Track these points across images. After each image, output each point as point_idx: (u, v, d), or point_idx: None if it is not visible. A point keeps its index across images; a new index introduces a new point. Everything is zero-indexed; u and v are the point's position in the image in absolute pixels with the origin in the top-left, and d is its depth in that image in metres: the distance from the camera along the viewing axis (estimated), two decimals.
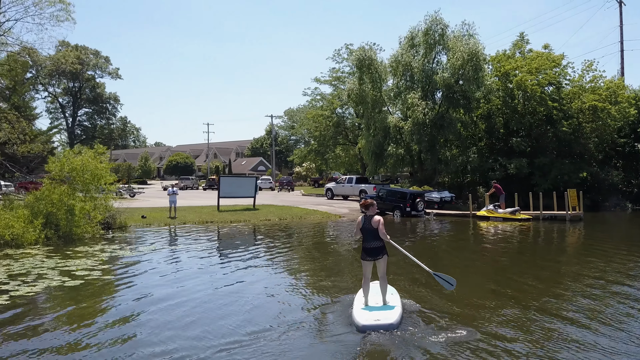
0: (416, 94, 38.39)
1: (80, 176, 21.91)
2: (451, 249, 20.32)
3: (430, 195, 35.95)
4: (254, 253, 18.39)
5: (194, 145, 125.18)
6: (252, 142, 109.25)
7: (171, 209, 30.22)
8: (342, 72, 54.51)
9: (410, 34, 40.85)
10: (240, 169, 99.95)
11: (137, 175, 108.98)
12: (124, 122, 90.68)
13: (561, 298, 11.17)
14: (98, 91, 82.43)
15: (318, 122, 54.79)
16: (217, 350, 7.82)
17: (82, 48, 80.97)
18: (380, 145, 40.33)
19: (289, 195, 53.27)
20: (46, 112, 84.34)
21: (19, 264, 15.18)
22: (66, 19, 24.93)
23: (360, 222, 9.67)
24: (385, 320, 8.75)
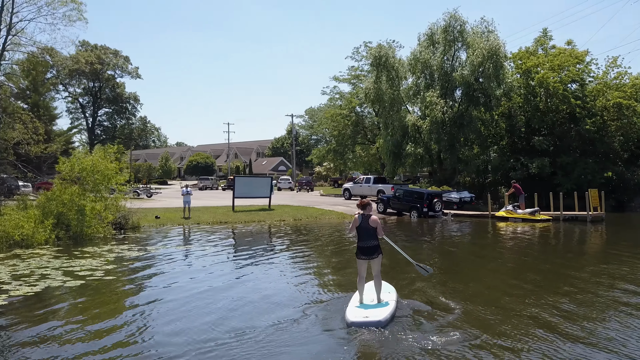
0: (435, 92, 38.14)
1: (90, 176, 22.15)
2: (465, 251, 20.13)
3: (449, 195, 35.66)
4: (260, 253, 18.40)
5: (214, 145, 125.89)
6: (273, 141, 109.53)
7: (185, 209, 30.43)
8: (361, 70, 54.44)
9: (429, 31, 40.65)
10: (261, 169, 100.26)
11: (157, 176, 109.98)
12: (143, 122, 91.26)
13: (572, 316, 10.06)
14: (118, 91, 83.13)
15: (336, 121, 54.71)
16: (188, 350, 7.87)
17: (102, 48, 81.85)
18: (398, 145, 40.17)
19: (307, 196, 53.27)
20: (66, 112, 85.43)
21: (25, 264, 15.41)
22: (78, 18, 25.29)
23: (357, 221, 9.81)
24: (374, 318, 8.91)
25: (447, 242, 22.44)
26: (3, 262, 15.60)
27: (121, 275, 14.01)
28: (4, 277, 13.35)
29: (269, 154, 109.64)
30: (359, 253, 9.85)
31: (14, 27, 24.46)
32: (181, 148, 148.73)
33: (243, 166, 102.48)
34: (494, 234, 25.72)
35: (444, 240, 23.26)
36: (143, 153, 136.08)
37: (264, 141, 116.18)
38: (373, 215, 9.83)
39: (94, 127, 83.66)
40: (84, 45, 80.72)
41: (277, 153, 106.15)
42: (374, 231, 9.73)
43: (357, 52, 53.86)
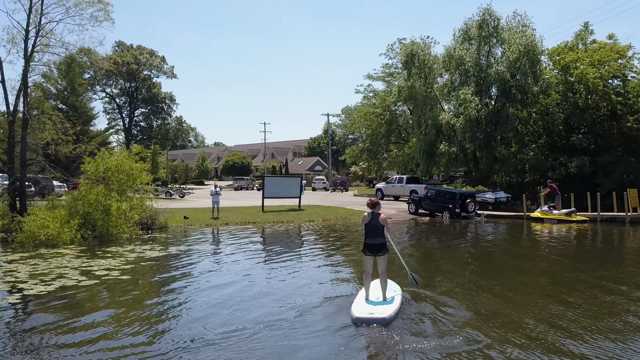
0: (469, 89, 37.68)
1: (115, 176, 22.61)
2: (494, 254, 19.86)
3: (484, 195, 35.23)
4: (281, 253, 18.54)
5: (251, 145, 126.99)
6: (309, 141, 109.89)
7: (214, 210, 30.77)
8: (395, 67, 54.13)
9: (464, 27, 40.20)
10: (297, 169, 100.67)
11: (194, 176, 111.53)
12: (179, 122, 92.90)
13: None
14: (154, 91, 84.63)
15: (370, 120, 54.55)
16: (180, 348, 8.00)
17: (139, 48, 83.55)
18: (432, 144, 39.86)
19: (340, 196, 53.33)
20: (103, 112, 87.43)
21: (46, 263, 15.84)
22: (105, 19, 25.62)
23: (367, 218, 10.21)
24: (379, 315, 9.22)
25: (476, 245, 22.17)
26: (25, 261, 16.08)
27: (136, 275, 14.28)
28: (22, 276, 13.76)
29: (305, 154, 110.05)
30: (365, 249, 10.23)
31: (43, 28, 25.03)
32: (218, 148, 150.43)
33: (279, 166, 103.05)
34: (528, 235, 25.34)
35: (473, 242, 23.01)
36: (180, 153, 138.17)
37: (301, 141, 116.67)
38: (382, 214, 10.19)
39: (131, 128, 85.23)
40: (120, 46, 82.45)
41: (313, 153, 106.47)
42: (381, 229, 10.09)
43: (391, 49, 53.65)
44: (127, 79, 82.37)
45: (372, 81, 58.14)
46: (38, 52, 25.36)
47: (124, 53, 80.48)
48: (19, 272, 14.30)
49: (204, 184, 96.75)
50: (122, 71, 79.52)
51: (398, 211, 35.58)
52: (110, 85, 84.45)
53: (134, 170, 23.18)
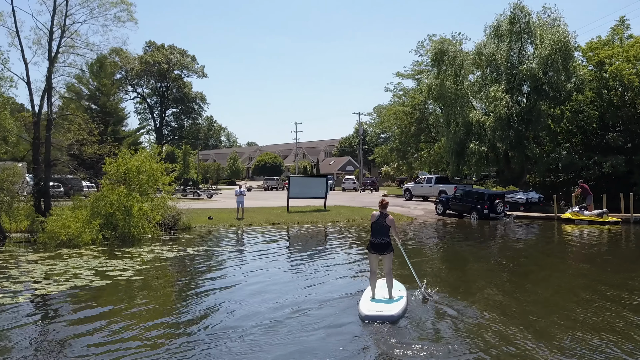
0: (500, 86, 37.20)
1: (136, 176, 22.94)
2: (520, 256, 19.57)
3: (515, 196, 34.77)
4: (296, 254, 18.62)
5: (283, 144, 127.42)
6: (341, 141, 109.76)
7: (238, 210, 30.95)
8: (425, 65, 53.69)
9: (495, 23, 39.67)
10: (328, 169, 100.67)
11: (226, 176, 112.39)
12: (210, 121, 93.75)
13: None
14: (185, 91, 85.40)
15: (399, 118, 54.25)
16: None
17: (169, 47, 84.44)
18: (461, 143, 39.43)
19: (369, 197, 53.15)
20: (135, 112, 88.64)
21: (64, 263, 16.18)
22: (129, 19, 26.06)
23: (375, 217, 10.74)
24: (387, 312, 9.65)
25: (502, 248, 21.87)
26: (44, 262, 16.46)
27: (149, 276, 14.50)
28: (38, 276, 14.11)
29: (337, 154, 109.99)
30: (370, 248, 10.69)
31: (67, 29, 25.56)
32: (250, 148, 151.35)
33: (310, 166, 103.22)
34: (557, 238, 24.96)
35: (499, 244, 22.77)
36: (212, 153, 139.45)
37: (332, 140, 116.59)
38: (390, 216, 10.64)
39: (162, 128, 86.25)
40: (151, 46, 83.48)
41: (344, 152, 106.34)
42: (387, 229, 10.54)
43: (422, 46, 53.33)
44: (158, 78, 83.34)
45: (401, 79, 57.89)
46: (63, 54, 25.94)
47: (154, 53, 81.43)
48: (35, 272, 14.65)
49: (235, 184, 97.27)
50: (153, 71, 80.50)
51: (425, 212, 35.33)
52: (142, 85, 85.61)
53: (155, 171, 23.46)
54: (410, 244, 21.97)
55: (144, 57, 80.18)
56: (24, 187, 24.45)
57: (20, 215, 22.59)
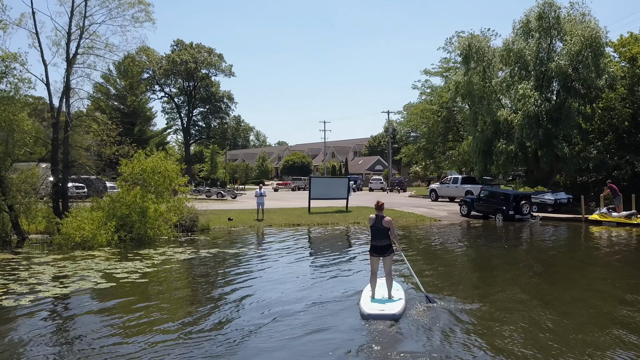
0: (528, 84, 36.68)
1: (151, 178, 23.20)
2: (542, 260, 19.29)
3: (543, 196, 34.24)
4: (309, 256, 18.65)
5: (311, 144, 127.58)
6: (370, 140, 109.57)
7: (258, 211, 31.06)
8: (453, 62, 53.21)
9: (524, 18, 39.15)
10: (357, 169, 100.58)
11: (254, 176, 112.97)
12: (237, 121, 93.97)
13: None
14: (212, 90, 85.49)
15: (426, 117, 53.87)
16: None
17: (197, 46, 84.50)
18: (488, 142, 38.97)
19: (396, 197, 53.01)
20: (162, 112, 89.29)
21: (75, 265, 16.47)
22: (146, 19, 26.31)
23: (372, 220, 11.07)
24: (389, 311, 10.12)
25: (526, 251, 21.60)
26: (55, 263, 16.77)
27: (155, 278, 14.66)
28: (45, 277, 14.38)
29: (366, 153, 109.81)
30: (372, 251, 11.09)
31: (86, 30, 25.97)
32: (279, 147, 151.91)
33: (339, 165, 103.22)
34: (584, 240, 24.60)
35: (522, 248, 22.48)
36: (241, 153, 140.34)
37: (361, 139, 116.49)
38: (387, 217, 11.03)
39: (189, 127, 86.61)
40: (179, 45, 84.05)
41: (373, 152, 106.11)
42: (386, 231, 10.91)
43: (450, 42, 52.62)
44: (185, 78, 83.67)
45: (429, 77, 57.46)
46: (82, 55, 26.36)
47: (182, 52, 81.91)
48: (44, 274, 14.92)
49: (263, 184, 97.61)
50: (181, 70, 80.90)
51: (449, 213, 35.02)
52: (169, 85, 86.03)
53: (170, 172, 23.69)
54: (429, 247, 21.89)
55: (171, 56, 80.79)
56: (43, 188, 24.92)
57: (38, 216, 23.02)
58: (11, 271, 15.40)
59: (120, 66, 72.32)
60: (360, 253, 19.07)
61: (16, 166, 24.04)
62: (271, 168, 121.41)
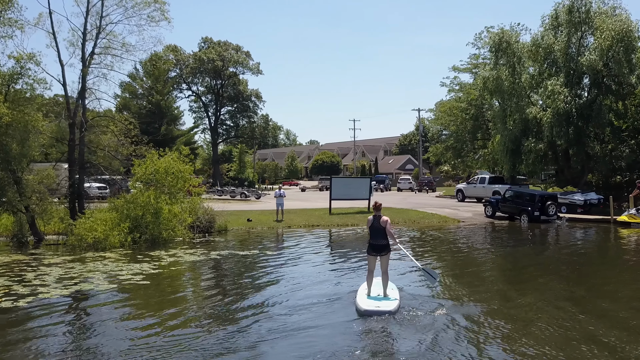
0: (557, 80, 36.16)
1: (164, 178, 23.49)
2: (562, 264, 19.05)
3: (573, 197, 33.79)
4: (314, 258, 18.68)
5: (341, 143, 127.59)
6: (400, 138, 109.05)
7: (278, 212, 31.16)
8: (482, 58, 52.62)
9: (554, 12, 38.65)
10: (387, 168, 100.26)
11: (283, 176, 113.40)
12: (265, 120, 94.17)
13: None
14: (240, 88, 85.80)
15: (454, 115, 53.43)
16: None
17: (224, 44, 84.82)
18: (516, 140, 38.52)
19: (422, 197, 52.71)
20: (189, 111, 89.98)
21: (83, 266, 16.81)
22: (164, 18, 26.64)
23: (370, 221, 11.64)
24: (385, 307, 10.80)
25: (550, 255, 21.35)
26: (64, 265, 17.13)
27: (157, 281, 14.86)
28: (50, 279, 14.71)
29: (396, 152, 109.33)
30: (370, 250, 11.66)
31: (103, 29, 26.44)
32: (309, 147, 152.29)
33: (369, 165, 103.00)
34: (608, 243, 24.19)
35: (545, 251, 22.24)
36: (270, 152, 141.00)
37: (392, 138, 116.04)
38: (383, 217, 11.55)
39: (217, 126, 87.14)
40: (207, 42, 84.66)
41: (404, 151, 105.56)
42: (383, 231, 11.43)
43: (479, 37, 52.03)
44: (212, 76, 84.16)
45: (458, 73, 56.89)
46: (99, 55, 26.83)
47: (209, 50, 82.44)
48: (50, 275, 15.28)
49: (296, 184, 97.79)
50: (208, 68, 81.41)
51: (474, 214, 34.69)
52: (196, 83, 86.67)
53: (184, 173, 23.97)
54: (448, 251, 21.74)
55: (198, 54, 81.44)
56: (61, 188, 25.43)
57: (54, 217, 23.47)
58: (19, 272, 15.78)
59: (147, 65, 73.54)
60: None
61: (33, 167, 24.58)
62: (300, 167, 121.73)
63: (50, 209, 23.40)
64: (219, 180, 75.20)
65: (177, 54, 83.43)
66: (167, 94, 76.22)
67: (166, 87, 75.64)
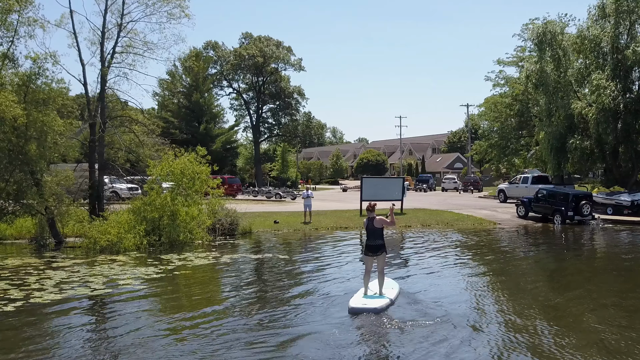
0: (603, 74, 35.17)
1: (179, 179, 23.76)
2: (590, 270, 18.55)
3: (619, 197, 32.90)
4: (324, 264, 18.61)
5: (388, 141, 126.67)
6: (449, 135, 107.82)
7: (306, 214, 31.10)
8: (529, 50, 51.36)
9: (600, 2, 37.65)
10: (435, 167, 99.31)
11: (328, 175, 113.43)
12: (308, 117, 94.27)
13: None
14: (281, 85, 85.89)
15: (498, 111, 52.46)
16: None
17: (265, 39, 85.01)
18: (561, 138, 37.64)
19: (465, 198, 52.02)
20: (230, 109, 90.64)
21: (88, 270, 17.18)
22: (182, 15, 27.04)
23: (365, 223, 12.37)
24: (371, 305, 11.53)
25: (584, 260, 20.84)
26: (71, 268, 17.54)
27: (153, 287, 15.00)
28: (49, 283, 15.08)
29: (445, 150, 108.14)
30: (366, 250, 12.32)
31: (124, 28, 26.99)
32: (354, 145, 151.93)
33: (416, 163, 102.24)
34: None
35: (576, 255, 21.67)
36: (316, 151, 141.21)
37: (440, 135, 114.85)
38: (377, 217, 12.21)
39: (259, 125, 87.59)
40: (247, 38, 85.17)
41: (453, 148, 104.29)
42: (380, 231, 12.15)
43: (526, 28, 50.84)
44: (253, 73, 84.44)
45: (503, 67, 55.72)
46: (121, 54, 27.38)
47: (249, 46, 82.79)
48: (52, 279, 15.67)
49: (338, 183, 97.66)
50: (249, 65, 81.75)
51: (513, 216, 33.95)
52: (237, 80, 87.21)
53: (201, 174, 24.20)
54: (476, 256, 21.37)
55: (238, 50, 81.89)
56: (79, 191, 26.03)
57: (71, 219, 24.00)
58: (23, 276, 16.18)
59: (186, 62, 74.45)
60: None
61: (54, 168, 25.20)
62: (345, 167, 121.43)
63: (68, 211, 23.96)
64: (260, 181, 75.63)
65: (217, 50, 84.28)
66: (206, 92, 77.03)
67: (205, 85, 76.44)
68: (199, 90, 74.38)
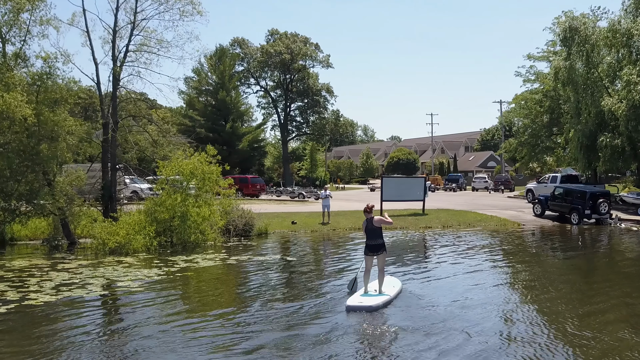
0: (633, 69, 34.42)
1: (189, 180, 23.88)
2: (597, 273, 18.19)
3: None
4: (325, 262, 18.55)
5: (420, 139, 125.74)
6: (482, 133, 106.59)
7: (324, 214, 31.01)
8: (559, 45, 50.52)
9: None
10: (467, 166, 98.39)
11: (359, 174, 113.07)
12: (336, 115, 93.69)
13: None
14: (309, 82, 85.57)
15: (528, 107, 51.77)
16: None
17: (292, 36, 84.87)
18: (591, 136, 37.01)
19: (494, 198, 51.49)
20: (257, 107, 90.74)
21: (92, 272, 17.35)
22: (195, 12, 27.14)
23: (364, 225, 12.92)
24: (366, 303, 11.98)
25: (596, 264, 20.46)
26: (75, 269, 17.75)
27: (148, 291, 14.97)
28: (49, 284, 15.30)
29: (478, 148, 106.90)
30: (367, 250, 12.85)
31: (137, 25, 27.22)
32: (386, 143, 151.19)
33: (448, 162, 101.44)
34: None
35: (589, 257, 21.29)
36: (346, 149, 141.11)
37: (473, 133, 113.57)
38: (374, 217, 12.77)
39: (287, 123, 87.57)
40: (274, 34, 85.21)
41: (486, 147, 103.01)
42: (379, 230, 12.72)
43: (557, 22, 50.13)
44: (281, 70, 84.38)
45: (533, 61, 54.92)
46: (134, 52, 27.62)
47: (276, 42, 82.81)
48: (53, 280, 15.90)
49: (368, 182, 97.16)
50: (276, 62, 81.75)
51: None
52: (264, 78, 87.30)
53: (212, 174, 24.30)
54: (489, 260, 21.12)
55: (265, 47, 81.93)
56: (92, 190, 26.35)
57: (83, 220, 24.28)
58: (26, 277, 16.43)
59: (212, 59, 74.89)
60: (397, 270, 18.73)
61: (66, 168, 25.56)
62: (376, 165, 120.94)
63: (80, 211, 24.27)
64: (289, 180, 75.67)
65: (244, 47, 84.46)
66: (233, 90, 77.33)
67: (232, 82, 76.73)
68: (225, 88, 74.72)
